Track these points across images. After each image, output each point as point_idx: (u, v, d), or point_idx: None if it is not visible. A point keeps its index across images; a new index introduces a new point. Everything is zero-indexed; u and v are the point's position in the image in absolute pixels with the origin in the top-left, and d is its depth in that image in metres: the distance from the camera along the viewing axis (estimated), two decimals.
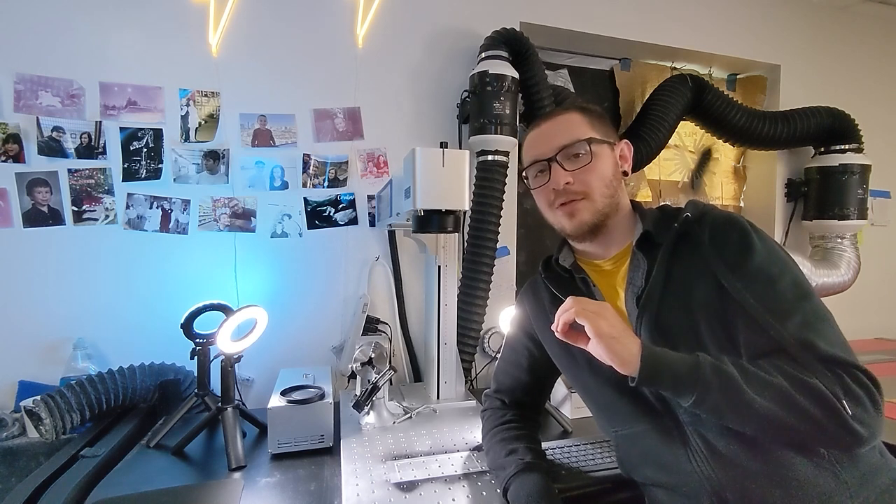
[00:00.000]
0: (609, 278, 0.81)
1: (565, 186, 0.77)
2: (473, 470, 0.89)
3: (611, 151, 0.79)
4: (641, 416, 0.74)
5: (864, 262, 1.89)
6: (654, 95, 1.72)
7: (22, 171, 1.20)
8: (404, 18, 1.48)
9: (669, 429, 0.71)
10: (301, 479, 0.89)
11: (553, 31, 1.64)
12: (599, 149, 0.77)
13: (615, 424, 0.80)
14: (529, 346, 0.92)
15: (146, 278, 1.29)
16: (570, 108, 0.81)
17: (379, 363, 1.10)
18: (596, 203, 0.77)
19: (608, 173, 0.77)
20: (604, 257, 0.82)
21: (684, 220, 0.73)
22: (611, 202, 0.77)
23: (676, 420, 0.71)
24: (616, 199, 0.78)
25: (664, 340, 0.69)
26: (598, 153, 0.77)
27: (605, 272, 0.82)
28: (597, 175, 0.76)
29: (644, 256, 0.75)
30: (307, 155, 1.40)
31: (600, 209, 0.77)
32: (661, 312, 0.71)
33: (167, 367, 1.23)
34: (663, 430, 0.72)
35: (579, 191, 0.77)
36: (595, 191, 0.76)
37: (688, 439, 0.69)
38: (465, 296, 1.39)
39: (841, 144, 1.82)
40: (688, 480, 0.69)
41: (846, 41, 2.05)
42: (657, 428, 0.73)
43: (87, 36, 1.24)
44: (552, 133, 0.79)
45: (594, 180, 0.76)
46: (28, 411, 1.04)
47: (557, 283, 0.85)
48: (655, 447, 0.73)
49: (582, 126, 0.78)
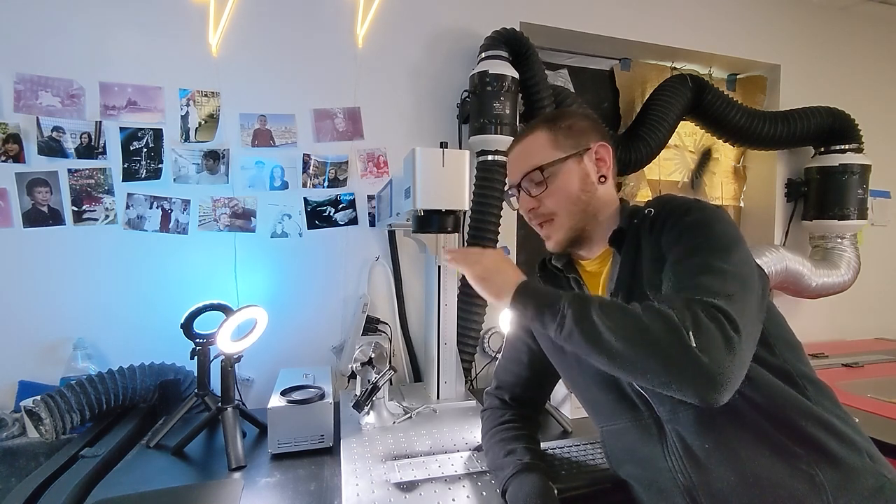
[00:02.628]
0: (596, 278, 0.84)
1: (531, 210, 0.82)
2: (473, 470, 0.89)
3: (577, 165, 0.80)
4: (624, 412, 0.76)
5: (864, 262, 1.89)
6: (654, 95, 1.72)
7: (22, 171, 1.20)
8: (404, 18, 1.48)
9: (649, 426, 0.73)
10: (301, 479, 0.89)
11: (553, 31, 1.64)
12: (558, 169, 0.79)
13: (601, 420, 0.83)
14: (528, 342, 0.93)
15: (146, 278, 1.29)
16: (537, 126, 0.83)
17: (379, 363, 1.10)
18: (565, 222, 0.80)
19: (573, 189, 0.80)
20: (588, 258, 0.85)
21: (643, 215, 0.76)
22: (583, 215, 0.80)
23: (656, 417, 0.72)
24: (591, 209, 0.81)
25: None
26: (558, 174, 0.79)
27: (592, 272, 0.85)
28: (558, 196, 0.80)
29: (619, 253, 0.77)
30: (307, 155, 1.40)
31: (571, 225, 0.80)
32: None
33: (167, 367, 1.23)
34: (643, 427, 0.74)
35: (545, 213, 0.81)
36: (561, 210, 0.80)
37: (665, 436, 0.71)
38: (465, 296, 1.39)
39: (841, 144, 1.82)
40: (662, 477, 0.71)
41: (846, 41, 2.05)
42: (638, 424, 0.74)
43: (87, 36, 1.24)
44: (516, 159, 0.84)
45: (558, 202, 0.80)
46: (28, 411, 1.04)
47: (552, 283, 0.87)
48: (635, 443, 0.75)
49: (544, 148, 0.81)
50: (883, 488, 0.63)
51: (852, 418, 0.69)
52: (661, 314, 0.59)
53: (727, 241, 0.67)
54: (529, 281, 0.73)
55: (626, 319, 0.61)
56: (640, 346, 0.59)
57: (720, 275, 0.62)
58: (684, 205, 0.73)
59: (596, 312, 0.62)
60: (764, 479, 0.63)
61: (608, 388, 0.78)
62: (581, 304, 0.64)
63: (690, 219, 0.70)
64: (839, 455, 0.63)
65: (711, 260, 0.64)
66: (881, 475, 0.64)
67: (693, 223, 0.69)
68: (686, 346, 0.56)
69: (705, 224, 0.69)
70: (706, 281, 0.62)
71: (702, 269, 0.63)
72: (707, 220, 0.69)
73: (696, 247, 0.66)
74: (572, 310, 0.64)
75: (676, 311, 0.59)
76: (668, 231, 0.71)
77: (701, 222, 0.69)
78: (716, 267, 0.63)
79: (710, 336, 0.57)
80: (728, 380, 0.56)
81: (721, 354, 0.56)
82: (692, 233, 0.68)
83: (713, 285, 0.61)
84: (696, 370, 0.56)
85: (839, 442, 0.64)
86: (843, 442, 0.64)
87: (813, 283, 1.78)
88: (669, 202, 0.76)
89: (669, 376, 0.57)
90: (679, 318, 0.58)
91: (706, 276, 0.62)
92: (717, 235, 0.67)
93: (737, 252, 0.66)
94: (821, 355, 1.73)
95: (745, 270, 0.65)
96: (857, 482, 0.63)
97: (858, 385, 1.41)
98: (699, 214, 0.70)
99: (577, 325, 0.63)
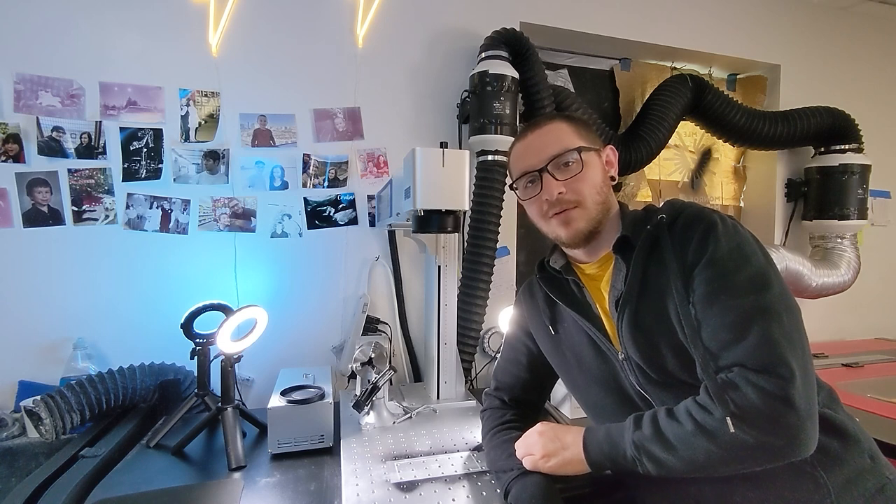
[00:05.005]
0: (595, 281, 0.82)
1: (558, 196, 0.77)
2: (473, 470, 0.89)
3: (598, 158, 0.80)
4: (626, 413, 0.75)
5: (864, 262, 1.89)
6: (654, 95, 1.72)
7: (22, 171, 1.20)
8: (404, 18, 1.48)
9: None
10: (301, 479, 0.89)
11: (553, 31, 1.64)
12: (589, 156, 0.78)
13: (602, 422, 0.81)
14: (528, 344, 0.93)
15: (146, 278, 1.29)
16: (556, 118, 0.82)
17: (379, 363, 1.10)
18: (589, 210, 0.77)
19: (598, 180, 0.78)
20: (588, 261, 0.83)
21: (657, 222, 0.73)
22: (602, 208, 0.78)
23: None
24: (607, 205, 0.79)
25: (645, 341, 0.71)
26: (588, 161, 0.77)
27: (591, 276, 0.83)
28: (588, 183, 0.77)
29: (623, 260, 0.75)
30: (307, 155, 1.40)
31: (594, 216, 0.78)
32: (639, 315, 0.72)
33: (167, 367, 1.23)
34: None
35: (572, 199, 0.77)
36: (588, 198, 0.77)
37: None
38: (465, 296, 1.39)
39: (841, 144, 1.82)
40: (668, 480, 0.71)
41: (846, 41, 2.05)
42: None
43: (87, 36, 1.24)
44: (541, 143, 0.79)
45: (586, 188, 0.77)
46: (28, 411, 1.04)
47: (551, 284, 0.86)
48: None
49: (570, 135, 0.78)
50: (884, 489, 0.63)
51: (854, 419, 0.69)
52: (714, 429, 0.60)
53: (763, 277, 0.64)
54: (586, 440, 0.73)
55: (683, 444, 0.62)
56: (703, 456, 0.61)
57: (767, 326, 0.61)
58: (704, 213, 0.71)
59: (661, 450, 0.64)
60: (767, 481, 0.63)
61: (610, 390, 0.78)
62: (647, 447, 0.65)
63: (721, 243, 0.67)
64: (842, 456, 0.63)
65: (755, 310, 0.62)
66: (883, 475, 0.65)
67: (726, 255, 0.66)
68: (757, 445, 0.58)
69: (738, 256, 0.66)
70: (755, 342, 0.60)
71: (745, 324, 0.61)
72: (739, 250, 0.67)
73: (733, 288, 0.64)
74: (645, 455, 0.65)
75: (715, 398, 0.60)
76: (696, 250, 0.68)
77: (732, 248, 0.67)
78: (762, 316, 0.61)
79: (771, 422, 0.57)
80: (802, 441, 0.58)
81: (786, 429, 0.57)
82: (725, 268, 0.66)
83: (764, 347, 0.60)
84: (771, 453, 0.58)
85: (842, 443, 0.64)
86: (847, 443, 0.65)
87: (813, 283, 1.78)
88: (680, 207, 0.74)
89: (758, 465, 0.60)
90: (712, 413, 0.60)
91: (752, 334, 0.61)
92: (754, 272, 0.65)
93: (776, 284, 0.64)
94: (821, 355, 1.73)
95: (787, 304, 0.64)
96: (860, 484, 0.63)
97: (858, 385, 1.41)
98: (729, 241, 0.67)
99: (656, 466, 0.65)
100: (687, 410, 0.63)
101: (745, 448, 0.58)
